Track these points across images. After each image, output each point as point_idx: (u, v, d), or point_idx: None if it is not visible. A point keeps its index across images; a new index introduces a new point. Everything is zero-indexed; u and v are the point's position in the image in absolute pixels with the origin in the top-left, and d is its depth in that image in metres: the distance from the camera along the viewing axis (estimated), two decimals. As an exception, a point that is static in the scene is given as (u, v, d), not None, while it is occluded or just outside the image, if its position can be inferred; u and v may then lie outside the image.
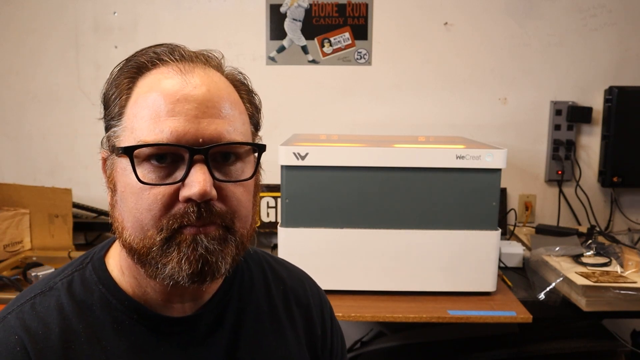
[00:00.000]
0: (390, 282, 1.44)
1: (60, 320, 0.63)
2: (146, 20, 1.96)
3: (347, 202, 1.41)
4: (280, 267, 0.82)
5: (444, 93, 1.99)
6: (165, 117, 0.58)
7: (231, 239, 0.61)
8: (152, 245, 0.59)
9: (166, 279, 0.59)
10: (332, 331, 0.84)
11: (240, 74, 0.68)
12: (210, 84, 0.61)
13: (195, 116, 0.58)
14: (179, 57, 0.62)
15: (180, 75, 0.60)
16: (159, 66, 0.62)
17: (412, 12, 1.95)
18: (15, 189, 1.82)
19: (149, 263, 0.60)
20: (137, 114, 0.60)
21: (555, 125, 1.98)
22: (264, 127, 0.71)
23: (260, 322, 0.73)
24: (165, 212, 0.58)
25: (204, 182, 0.56)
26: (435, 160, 1.39)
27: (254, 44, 1.96)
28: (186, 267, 0.58)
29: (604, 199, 2.04)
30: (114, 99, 0.63)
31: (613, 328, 1.68)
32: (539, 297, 1.44)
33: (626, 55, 1.95)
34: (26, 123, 2.03)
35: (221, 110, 0.60)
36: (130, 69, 0.63)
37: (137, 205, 0.59)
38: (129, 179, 0.59)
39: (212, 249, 0.59)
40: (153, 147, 0.57)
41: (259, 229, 1.97)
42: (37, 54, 1.99)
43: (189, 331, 0.67)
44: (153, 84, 0.60)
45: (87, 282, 0.66)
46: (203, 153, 0.58)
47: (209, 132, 0.58)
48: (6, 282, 1.49)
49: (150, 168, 0.58)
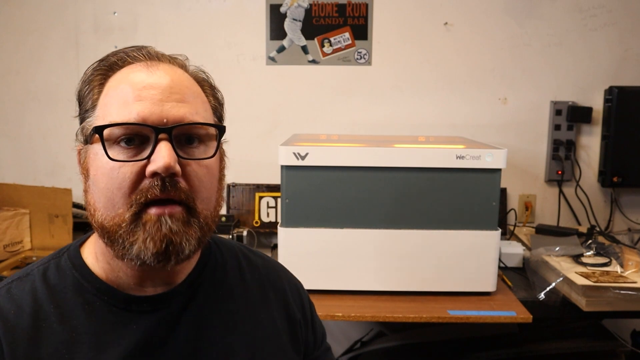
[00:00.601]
0: (390, 282, 1.44)
1: (33, 303, 0.67)
2: (146, 20, 1.96)
3: (347, 202, 1.41)
4: (255, 257, 0.85)
5: (444, 93, 1.99)
6: (132, 102, 0.63)
7: (194, 221, 0.65)
8: (121, 222, 0.62)
9: (133, 259, 0.63)
10: (312, 314, 0.86)
11: (202, 72, 0.73)
12: (174, 75, 0.66)
13: (160, 100, 0.63)
14: (146, 55, 0.68)
15: (147, 69, 0.66)
16: (128, 63, 0.68)
17: (412, 12, 1.95)
18: (15, 189, 1.82)
19: (116, 241, 0.63)
20: (108, 103, 0.65)
21: (555, 125, 1.98)
22: (264, 127, 0.72)
23: (232, 304, 0.76)
24: (133, 188, 0.62)
25: (168, 157, 0.61)
26: (435, 160, 1.39)
27: (254, 44, 1.96)
28: (151, 245, 0.62)
29: (604, 199, 2.04)
30: (86, 94, 0.68)
31: (613, 328, 1.68)
32: (539, 297, 1.44)
33: (626, 55, 1.96)
34: (26, 123, 2.03)
35: (184, 96, 0.65)
36: (102, 68, 0.68)
37: (108, 185, 0.63)
38: (101, 161, 0.64)
39: (176, 230, 0.63)
40: (121, 126, 0.62)
41: (259, 229, 1.98)
42: (37, 54, 1.99)
43: (159, 310, 0.70)
44: (122, 78, 0.66)
45: (61, 269, 0.71)
46: (167, 132, 0.62)
47: (173, 114, 0.63)
48: (6, 282, 1.49)
49: (120, 150, 0.63)
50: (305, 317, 0.84)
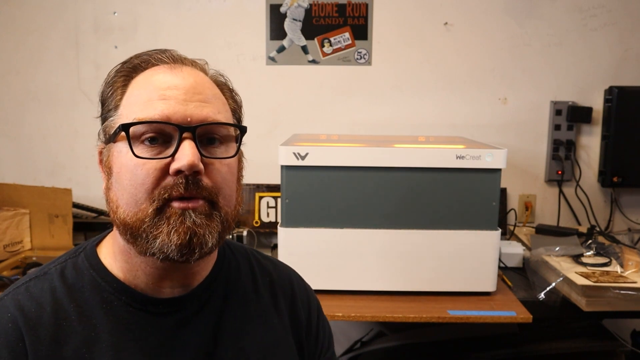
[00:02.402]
0: (390, 282, 1.44)
1: (53, 301, 0.67)
2: (146, 20, 1.96)
3: (347, 202, 1.41)
4: (266, 262, 0.86)
5: (444, 93, 1.99)
6: (156, 101, 0.64)
7: (216, 214, 0.66)
8: (144, 217, 0.63)
9: (156, 252, 0.63)
10: (319, 322, 0.86)
11: (221, 76, 0.75)
12: (197, 77, 0.68)
13: (184, 100, 0.65)
14: (169, 58, 0.70)
15: (170, 70, 0.68)
16: (152, 65, 0.69)
17: (412, 12, 1.95)
18: (15, 189, 1.82)
19: (140, 236, 0.64)
20: (132, 103, 0.66)
21: (555, 125, 1.98)
22: (264, 127, 0.73)
23: (245, 308, 0.77)
24: (157, 184, 0.63)
25: (192, 155, 0.62)
26: (435, 160, 1.39)
27: (254, 44, 1.96)
28: (175, 238, 0.62)
29: (604, 199, 2.04)
30: (109, 95, 0.70)
31: (613, 328, 1.68)
32: (539, 297, 1.44)
33: (626, 55, 1.96)
34: (26, 123, 2.03)
35: (207, 97, 0.67)
36: (125, 69, 0.70)
37: (131, 181, 0.64)
38: (125, 158, 0.65)
39: (200, 223, 0.64)
40: (146, 124, 0.63)
41: (259, 229, 1.97)
42: (37, 54, 1.99)
43: (175, 312, 0.71)
44: (146, 79, 0.68)
45: (78, 268, 0.71)
46: (191, 131, 0.64)
47: (197, 114, 0.65)
48: (6, 282, 1.49)
49: (144, 147, 0.64)
50: (310, 324, 0.84)
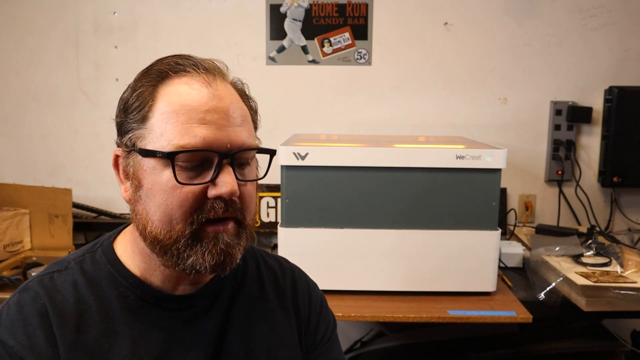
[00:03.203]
0: (390, 282, 1.44)
1: (75, 293, 0.70)
2: (146, 20, 1.96)
3: (347, 202, 1.41)
4: (272, 260, 0.89)
5: (444, 93, 1.99)
6: (196, 125, 0.65)
7: (243, 232, 0.70)
8: (179, 237, 0.66)
9: (187, 268, 0.67)
10: (321, 315, 0.88)
11: (241, 83, 0.76)
12: (231, 97, 0.70)
13: (223, 125, 0.66)
14: (202, 70, 0.69)
15: (206, 88, 0.67)
16: (181, 75, 0.68)
17: (412, 12, 1.95)
18: (15, 189, 1.82)
19: (171, 253, 0.67)
20: (166, 120, 0.66)
21: (555, 125, 1.98)
22: (264, 127, 0.74)
23: (251, 306, 0.80)
24: (194, 207, 0.66)
25: (232, 182, 0.66)
26: (435, 160, 1.39)
27: (254, 44, 1.96)
28: (209, 258, 0.66)
29: (604, 199, 2.04)
30: (137, 104, 0.68)
31: (613, 328, 1.68)
32: (539, 297, 1.44)
33: (626, 55, 1.96)
34: (26, 123, 2.03)
35: (241, 120, 0.69)
36: (152, 77, 0.69)
37: (167, 201, 0.66)
38: (160, 177, 0.66)
39: (232, 244, 0.68)
40: (190, 152, 0.65)
41: (259, 229, 1.97)
42: (37, 54, 1.99)
43: (186, 309, 0.74)
44: (181, 93, 0.67)
45: (96, 262, 0.74)
46: (230, 157, 0.66)
47: (234, 139, 0.67)
48: (6, 282, 1.49)
49: (182, 170, 0.66)
50: (310, 317, 0.86)
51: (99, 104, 1.99)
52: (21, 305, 0.68)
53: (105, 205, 2.01)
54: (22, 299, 0.69)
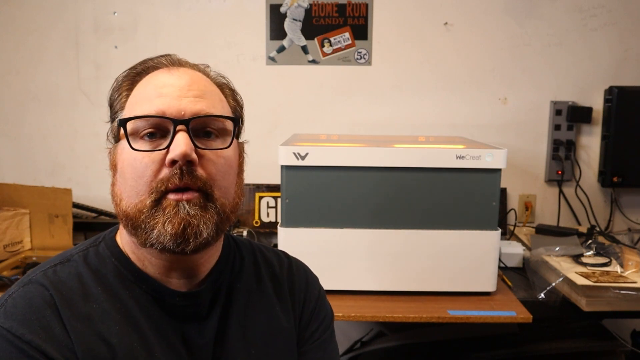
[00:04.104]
0: (390, 282, 1.44)
1: (80, 285, 0.70)
2: (146, 20, 1.96)
3: (347, 202, 1.41)
4: (270, 254, 0.89)
5: (444, 93, 1.99)
6: (154, 98, 0.68)
7: (211, 206, 0.68)
8: (143, 207, 0.67)
9: (154, 243, 0.66)
10: (316, 308, 0.88)
11: (222, 77, 0.78)
12: (193, 75, 0.72)
13: (178, 95, 0.68)
14: (169, 61, 0.74)
15: (169, 71, 0.72)
16: (153, 69, 0.73)
17: (412, 12, 1.95)
18: (15, 189, 1.82)
19: (140, 227, 0.67)
20: (132, 102, 0.71)
21: (555, 125, 1.98)
22: (264, 127, 0.74)
23: (249, 299, 0.80)
24: (154, 176, 0.67)
25: (184, 145, 0.65)
26: (435, 160, 1.39)
27: (254, 44, 1.96)
28: (169, 228, 0.65)
29: (604, 199, 2.04)
30: (116, 99, 0.74)
31: (613, 328, 1.68)
32: (539, 297, 1.44)
33: (626, 55, 1.96)
34: (26, 123, 2.03)
35: (202, 93, 0.70)
36: (131, 74, 0.74)
37: (132, 174, 0.68)
38: (127, 153, 0.68)
39: (194, 214, 0.66)
40: (142, 118, 0.67)
41: (259, 229, 1.97)
42: (37, 54, 1.99)
43: (189, 307, 0.74)
44: (147, 81, 0.72)
45: (101, 256, 0.74)
46: (184, 124, 0.67)
47: (190, 107, 0.68)
48: (6, 282, 1.49)
49: (143, 142, 0.68)
50: (304, 309, 0.86)
51: (99, 104, 1.99)
52: (29, 298, 0.67)
53: (105, 205, 2.01)
54: (28, 292, 0.68)
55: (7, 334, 0.63)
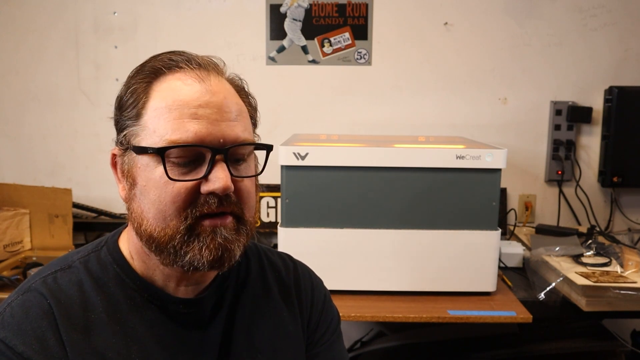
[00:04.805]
0: (390, 282, 1.44)
1: (80, 294, 0.69)
2: (146, 20, 1.96)
3: (347, 202, 1.41)
4: (275, 257, 0.88)
5: (444, 93, 1.99)
6: (188, 120, 0.64)
7: (242, 228, 0.68)
8: (174, 234, 0.65)
9: (185, 265, 0.66)
10: (323, 311, 0.88)
11: (239, 79, 0.75)
12: (225, 92, 0.68)
13: (215, 120, 0.65)
14: (195, 65, 0.68)
15: (199, 83, 0.66)
16: (175, 71, 0.67)
17: (412, 12, 1.95)
18: (15, 189, 1.82)
19: (167, 251, 0.66)
20: (158, 116, 0.65)
21: (555, 125, 1.98)
22: (264, 127, 0.74)
23: (255, 304, 0.79)
24: (188, 203, 0.65)
25: (226, 178, 0.64)
26: (435, 160, 1.39)
27: (254, 44, 1.96)
28: (206, 254, 0.65)
29: (604, 199, 2.04)
30: (131, 102, 0.68)
31: (613, 328, 1.68)
32: (539, 297, 1.44)
33: (626, 55, 1.96)
34: (26, 123, 2.03)
35: (235, 114, 0.68)
36: (146, 74, 0.68)
37: (160, 197, 0.65)
38: (153, 174, 0.65)
39: (230, 238, 0.66)
40: (181, 147, 0.64)
41: (259, 229, 1.97)
42: (37, 54, 1.99)
43: (193, 313, 0.73)
44: (174, 89, 0.66)
45: (102, 262, 0.72)
46: (223, 153, 0.65)
47: (228, 134, 0.66)
48: (6, 282, 1.49)
49: (173, 166, 0.65)
50: (311, 313, 0.86)
51: (99, 104, 1.99)
52: (27, 308, 0.66)
53: (105, 205, 2.01)
54: (26, 301, 0.67)
55: (0, 344, 0.63)
